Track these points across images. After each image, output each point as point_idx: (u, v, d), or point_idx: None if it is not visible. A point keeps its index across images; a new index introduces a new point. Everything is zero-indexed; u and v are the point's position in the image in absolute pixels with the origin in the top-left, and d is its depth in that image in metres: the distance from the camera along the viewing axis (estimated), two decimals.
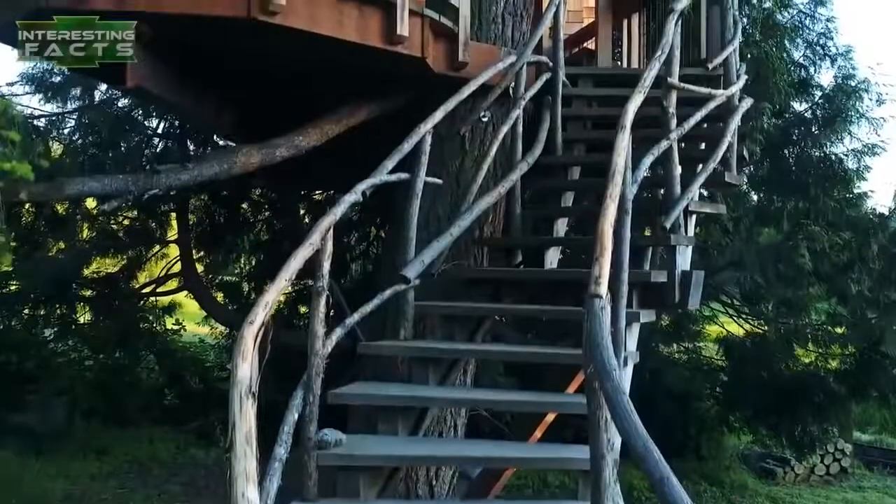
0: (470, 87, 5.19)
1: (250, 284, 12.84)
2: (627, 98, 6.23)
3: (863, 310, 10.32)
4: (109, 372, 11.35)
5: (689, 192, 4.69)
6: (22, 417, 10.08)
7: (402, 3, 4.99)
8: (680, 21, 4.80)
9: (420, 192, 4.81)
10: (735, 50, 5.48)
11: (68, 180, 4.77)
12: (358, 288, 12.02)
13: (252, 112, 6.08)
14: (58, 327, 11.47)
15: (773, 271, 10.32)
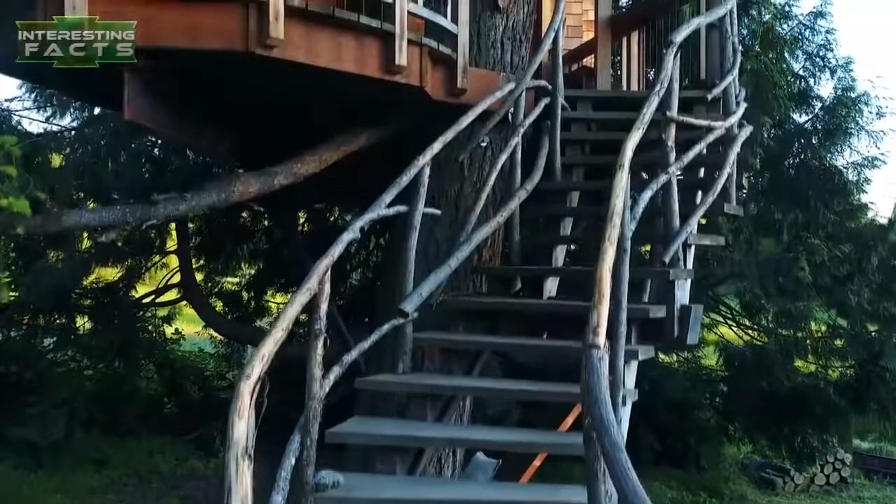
0: (469, 116, 5.19)
1: (249, 293, 12.86)
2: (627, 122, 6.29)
3: (863, 322, 10.33)
4: (109, 382, 11.34)
5: (688, 225, 4.68)
6: (22, 431, 10.07)
7: (400, 32, 4.98)
8: (678, 53, 4.76)
9: (418, 224, 4.81)
10: (734, 78, 5.45)
11: (65, 212, 4.80)
12: (358, 297, 12.08)
13: (250, 138, 6.08)
14: (57, 337, 11.45)
15: (772, 283, 10.33)
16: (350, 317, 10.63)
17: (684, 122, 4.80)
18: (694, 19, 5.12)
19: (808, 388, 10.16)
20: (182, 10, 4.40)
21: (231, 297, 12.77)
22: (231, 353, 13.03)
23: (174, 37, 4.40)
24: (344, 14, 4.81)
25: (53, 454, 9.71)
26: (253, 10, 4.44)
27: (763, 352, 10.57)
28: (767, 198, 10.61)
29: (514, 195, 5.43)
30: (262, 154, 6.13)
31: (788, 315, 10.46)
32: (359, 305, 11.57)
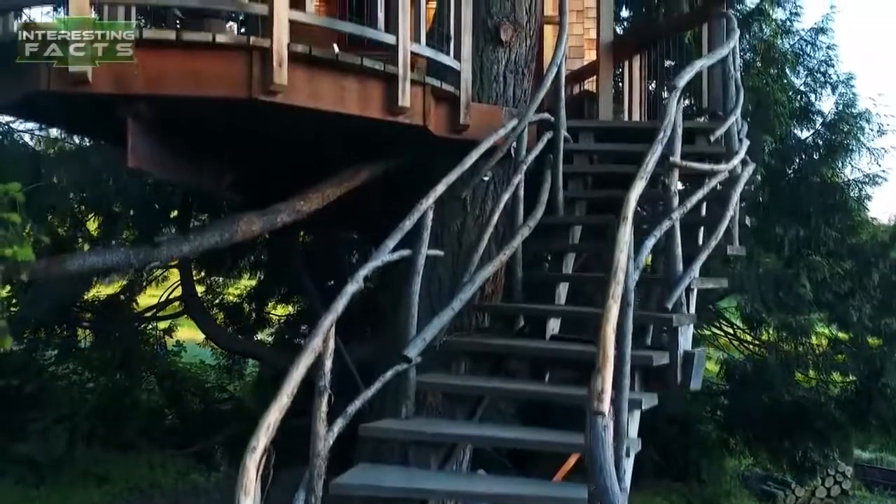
0: (472, 156, 5.19)
1: (251, 305, 12.87)
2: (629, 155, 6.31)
3: (863, 337, 10.35)
4: (110, 394, 11.35)
5: (691, 270, 4.68)
6: (23, 447, 10.07)
7: (403, 74, 4.97)
8: (681, 98, 4.75)
9: (422, 268, 4.81)
10: (737, 118, 5.44)
11: (69, 256, 4.82)
12: (361, 310, 12.06)
13: (252, 172, 6.08)
14: (58, 350, 11.46)
15: (773, 298, 10.35)
16: (349, 327, 10.67)
17: (688, 167, 4.79)
18: (697, 61, 5.10)
19: (808, 403, 10.18)
20: (185, 56, 4.39)
21: (232, 308, 12.77)
22: (232, 364, 13.03)
23: (177, 84, 4.39)
24: (347, 58, 4.81)
25: (55, 469, 9.71)
26: (256, 57, 4.44)
27: (764, 365, 10.58)
28: (768, 212, 10.62)
29: (516, 233, 5.43)
30: (264, 187, 6.15)
31: (789, 329, 10.48)
32: (356, 318, 11.56)
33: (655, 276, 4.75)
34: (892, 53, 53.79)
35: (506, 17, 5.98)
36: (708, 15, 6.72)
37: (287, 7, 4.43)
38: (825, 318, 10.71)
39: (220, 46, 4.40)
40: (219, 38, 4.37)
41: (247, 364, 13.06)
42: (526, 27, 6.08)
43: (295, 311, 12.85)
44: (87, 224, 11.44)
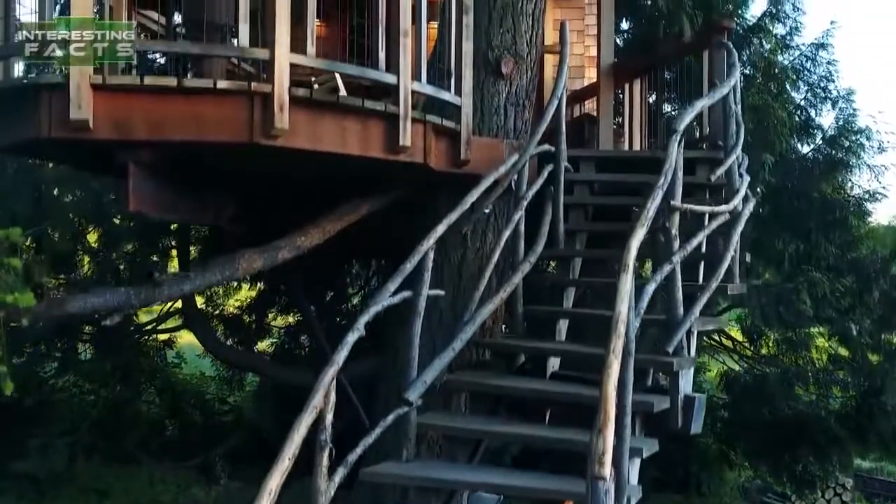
0: (472, 195, 5.19)
1: (251, 316, 12.86)
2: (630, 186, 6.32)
3: (864, 352, 10.35)
4: (110, 407, 11.35)
5: (692, 314, 4.69)
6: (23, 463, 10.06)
7: (404, 113, 4.97)
8: (682, 140, 4.76)
9: (422, 310, 4.81)
10: (738, 156, 5.44)
11: (70, 297, 4.80)
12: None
13: (252, 206, 6.08)
14: (58, 363, 11.45)
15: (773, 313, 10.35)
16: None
17: (689, 209, 4.79)
18: (698, 102, 5.09)
19: (808, 417, 10.16)
20: (186, 102, 4.39)
21: (232, 319, 12.76)
22: (232, 375, 13.03)
23: (178, 129, 4.40)
24: (348, 100, 4.83)
25: (55, 485, 9.71)
26: (258, 101, 4.44)
27: (764, 379, 10.59)
28: (768, 227, 10.61)
29: (517, 269, 5.44)
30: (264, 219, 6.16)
31: (789, 342, 10.50)
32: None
33: (652, 315, 4.72)
34: (892, 69, 54.15)
35: (507, 50, 5.98)
36: (708, 43, 6.72)
37: (288, 51, 4.43)
38: (825, 332, 10.70)
39: (222, 92, 4.38)
40: (220, 85, 4.37)
41: (247, 375, 13.05)
42: (527, 59, 6.07)
43: (295, 322, 12.84)
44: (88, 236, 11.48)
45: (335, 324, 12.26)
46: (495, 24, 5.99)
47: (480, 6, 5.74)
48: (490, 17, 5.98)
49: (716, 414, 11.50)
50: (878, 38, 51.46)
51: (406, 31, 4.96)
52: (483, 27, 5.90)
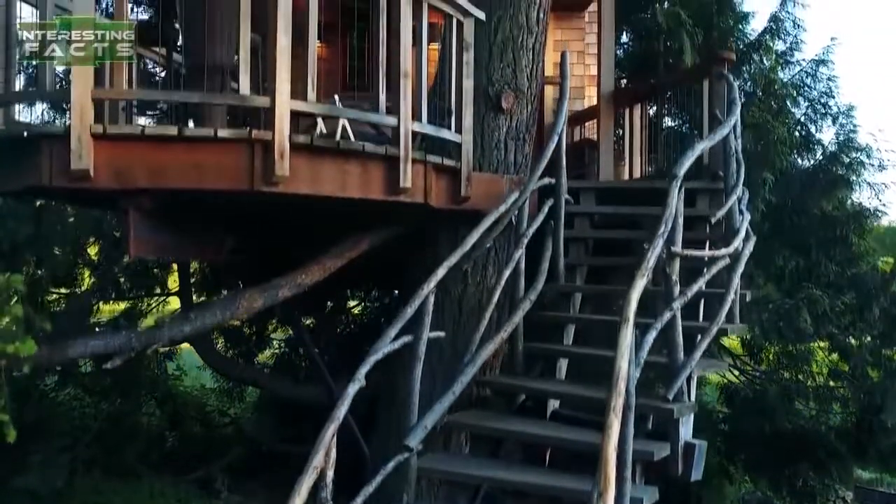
0: (473, 236, 5.23)
1: (251, 328, 12.88)
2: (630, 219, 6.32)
3: (864, 368, 10.37)
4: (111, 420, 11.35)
5: (692, 359, 4.69)
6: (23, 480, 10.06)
7: (405, 155, 4.97)
8: (682, 186, 4.75)
9: (423, 354, 4.82)
10: (738, 198, 5.44)
11: (71, 342, 4.79)
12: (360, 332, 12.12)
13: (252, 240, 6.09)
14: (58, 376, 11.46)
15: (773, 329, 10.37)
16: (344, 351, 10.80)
17: (688, 255, 4.79)
18: (698, 145, 5.08)
19: (809, 432, 10.19)
20: (187, 150, 4.38)
21: (232, 332, 12.76)
22: (232, 387, 13.04)
23: (179, 178, 4.39)
24: (349, 145, 4.81)
25: (56, 501, 9.71)
26: (258, 149, 4.43)
27: (764, 393, 10.60)
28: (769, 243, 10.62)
29: (517, 307, 5.45)
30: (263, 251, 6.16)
31: (790, 356, 10.52)
32: (348, 349, 11.62)
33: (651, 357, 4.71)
34: (891, 86, 54.46)
35: (507, 85, 5.97)
36: (709, 72, 6.72)
37: (288, 99, 4.42)
38: (825, 346, 10.72)
39: (222, 140, 4.38)
40: (220, 133, 4.36)
41: (247, 387, 13.08)
42: (527, 93, 6.07)
43: (295, 333, 12.85)
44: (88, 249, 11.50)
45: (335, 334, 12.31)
46: (496, 58, 5.98)
47: (480, 41, 5.73)
48: (490, 52, 5.97)
49: (716, 427, 11.52)
50: (878, 54, 51.77)
51: (406, 73, 4.96)
52: (483, 62, 5.90)
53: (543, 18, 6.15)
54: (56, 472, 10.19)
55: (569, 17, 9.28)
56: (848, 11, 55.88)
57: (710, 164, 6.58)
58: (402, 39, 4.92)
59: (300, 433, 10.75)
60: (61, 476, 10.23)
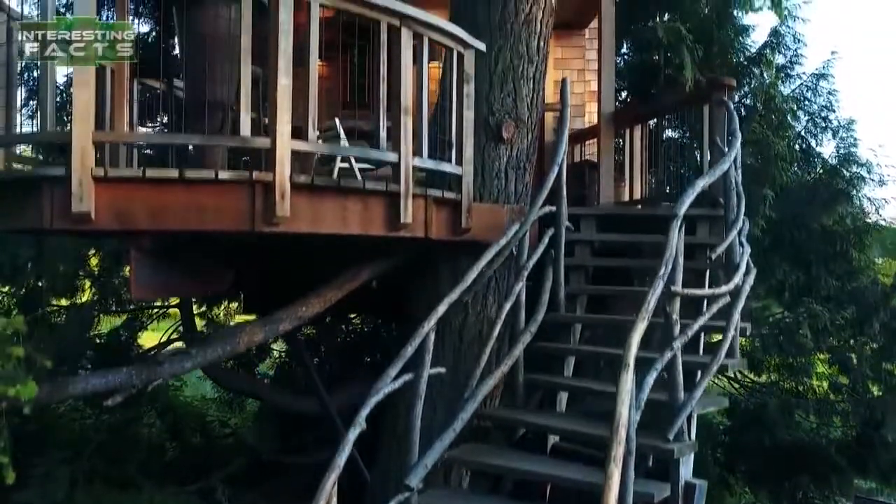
0: (474, 271, 5.25)
1: None
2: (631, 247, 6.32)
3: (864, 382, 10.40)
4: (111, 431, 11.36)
5: (692, 398, 4.69)
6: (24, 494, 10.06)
7: (405, 190, 4.97)
8: (682, 225, 4.75)
9: (423, 392, 4.83)
10: (738, 231, 5.43)
11: (71, 380, 4.81)
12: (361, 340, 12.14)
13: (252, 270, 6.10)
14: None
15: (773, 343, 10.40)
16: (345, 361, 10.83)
17: (688, 293, 4.79)
18: (698, 181, 5.08)
19: (809, 445, 10.22)
20: (187, 191, 4.38)
21: None
22: (233, 397, 13.07)
23: (180, 219, 4.38)
24: (350, 183, 4.81)
25: None
26: (259, 190, 4.42)
27: (764, 406, 10.63)
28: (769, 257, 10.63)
29: (518, 340, 5.46)
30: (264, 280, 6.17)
31: (790, 369, 10.54)
32: (349, 358, 11.66)
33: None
34: (891, 100, 54.53)
35: (507, 114, 5.96)
36: (709, 98, 6.72)
37: (289, 140, 4.41)
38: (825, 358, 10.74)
39: (223, 181, 4.38)
40: (221, 175, 4.36)
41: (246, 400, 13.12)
42: (528, 122, 6.06)
43: (285, 356, 12.90)
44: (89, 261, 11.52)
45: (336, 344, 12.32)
46: (496, 88, 5.97)
47: (481, 71, 5.72)
48: (491, 82, 5.96)
49: (716, 438, 11.55)
50: (878, 69, 51.80)
51: (406, 109, 4.95)
52: (483, 92, 5.89)
53: (544, 47, 6.13)
54: (57, 485, 10.20)
55: (569, 36, 9.26)
56: (848, 25, 56.46)
57: (709, 189, 6.56)
58: (402, 76, 4.91)
59: (301, 443, 10.79)
60: (62, 489, 10.24)
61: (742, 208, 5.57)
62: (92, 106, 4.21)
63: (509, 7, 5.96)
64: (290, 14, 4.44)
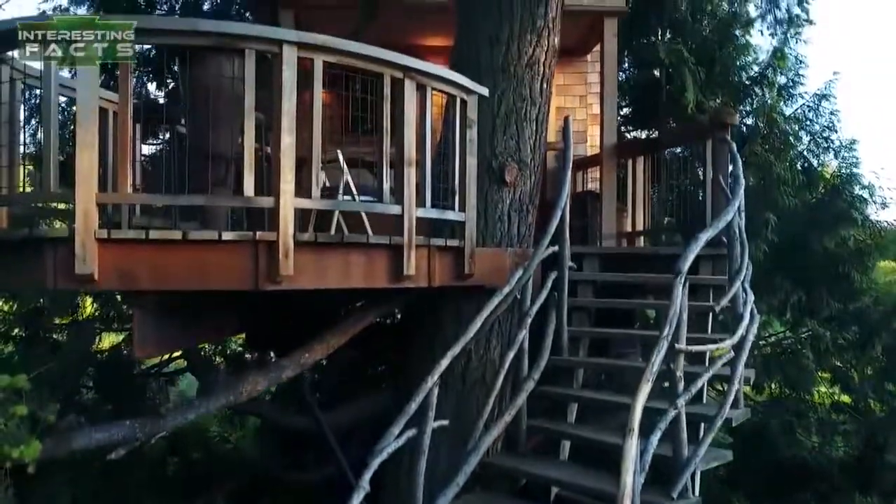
0: (476, 323, 5.26)
1: (252, 354, 12.89)
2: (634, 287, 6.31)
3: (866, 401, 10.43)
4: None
5: (696, 455, 4.69)
6: None
7: (409, 242, 4.96)
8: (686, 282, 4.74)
9: (427, 448, 4.83)
10: (742, 279, 5.42)
11: (74, 433, 4.79)
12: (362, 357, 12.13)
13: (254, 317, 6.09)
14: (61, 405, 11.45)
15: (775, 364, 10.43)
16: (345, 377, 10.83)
17: (693, 350, 4.79)
18: (702, 235, 5.06)
19: (811, 464, 10.24)
20: (191, 251, 4.35)
21: (235, 357, 12.82)
22: (233, 414, 13.07)
23: (183, 279, 4.36)
24: (353, 238, 4.80)
25: None
26: (262, 249, 4.41)
27: (766, 424, 10.65)
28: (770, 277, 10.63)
29: (521, 388, 5.46)
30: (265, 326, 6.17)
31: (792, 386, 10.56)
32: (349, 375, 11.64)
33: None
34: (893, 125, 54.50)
35: (510, 157, 5.94)
36: (712, 134, 6.70)
37: (293, 199, 4.40)
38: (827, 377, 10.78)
39: (226, 242, 4.37)
40: (225, 236, 4.34)
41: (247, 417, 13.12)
42: (531, 164, 6.05)
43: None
44: None
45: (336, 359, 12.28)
46: (499, 131, 5.95)
47: (483, 114, 5.70)
48: (494, 125, 5.94)
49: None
50: (878, 94, 51.47)
51: (410, 161, 4.94)
52: (486, 135, 5.87)
53: (547, 88, 6.12)
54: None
55: (570, 62, 9.23)
56: (846, 50, 56.43)
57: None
58: (406, 129, 4.90)
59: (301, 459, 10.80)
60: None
61: (746, 257, 5.56)
62: (95, 167, 4.19)
63: (512, 50, 5.94)
64: (294, 73, 4.43)
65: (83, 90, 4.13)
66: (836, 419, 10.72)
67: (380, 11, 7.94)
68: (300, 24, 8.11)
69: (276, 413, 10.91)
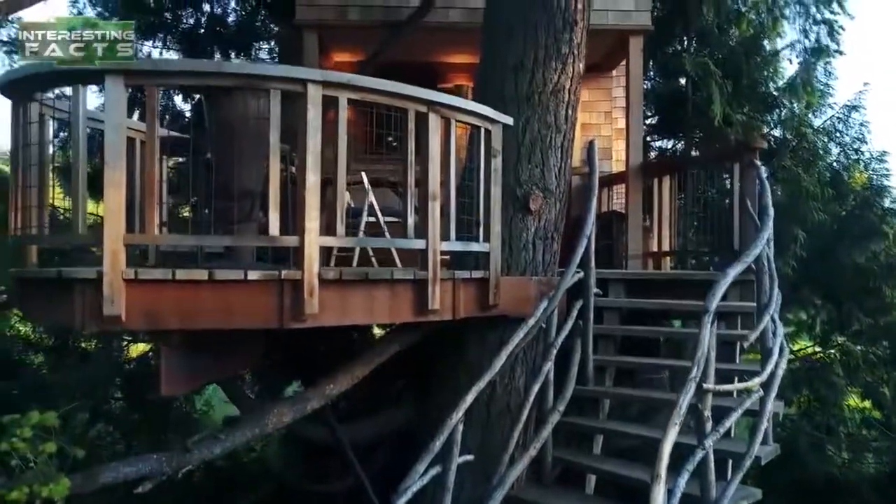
0: (501, 357, 5.24)
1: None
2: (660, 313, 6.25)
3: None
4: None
5: (725, 497, 4.65)
6: None
7: (433, 276, 4.94)
8: (715, 321, 4.69)
9: (452, 485, 4.81)
10: (771, 316, 5.35)
11: (102, 469, 4.83)
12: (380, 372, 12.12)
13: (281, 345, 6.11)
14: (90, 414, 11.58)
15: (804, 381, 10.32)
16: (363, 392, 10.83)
17: (720, 390, 4.73)
18: (730, 270, 5.00)
19: (842, 482, 10.13)
20: (216, 290, 4.36)
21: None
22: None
23: (209, 319, 4.38)
24: (377, 274, 4.79)
25: None
26: (287, 288, 4.41)
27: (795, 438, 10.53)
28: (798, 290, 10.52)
29: (546, 420, 5.44)
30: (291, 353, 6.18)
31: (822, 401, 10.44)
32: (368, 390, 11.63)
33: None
34: None
35: (535, 185, 5.90)
36: (739, 157, 6.63)
37: (317, 237, 4.40)
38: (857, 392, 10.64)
39: (252, 281, 4.37)
40: (251, 276, 4.35)
41: None
42: (555, 192, 6.00)
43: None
44: None
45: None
46: (524, 159, 5.91)
47: (508, 142, 5.66)
48: (518, 153, 5.90)
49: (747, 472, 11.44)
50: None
51: (434, 195, 4.92)
52: (511, 163, 5.83)
53: (572, 115, 6.06)
54: None
55: (595, 78, 9.17)
56: (879, 56, 55.43)
57: (740, 249, 6.49)
58: (430, 164, 4.88)
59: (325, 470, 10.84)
60: None
61: (775, 288, 5.48)
62: (122, 208, 4.21)
63: (537, 78, 5.89)
64: (319, 111, 4.42)
65: (111, 132, 4.13)
66: (867, 435, 10.59)
67: (402, 32, 7.92)
68: (323, 44, 8.13)
69: (298, 425, 10.95)
